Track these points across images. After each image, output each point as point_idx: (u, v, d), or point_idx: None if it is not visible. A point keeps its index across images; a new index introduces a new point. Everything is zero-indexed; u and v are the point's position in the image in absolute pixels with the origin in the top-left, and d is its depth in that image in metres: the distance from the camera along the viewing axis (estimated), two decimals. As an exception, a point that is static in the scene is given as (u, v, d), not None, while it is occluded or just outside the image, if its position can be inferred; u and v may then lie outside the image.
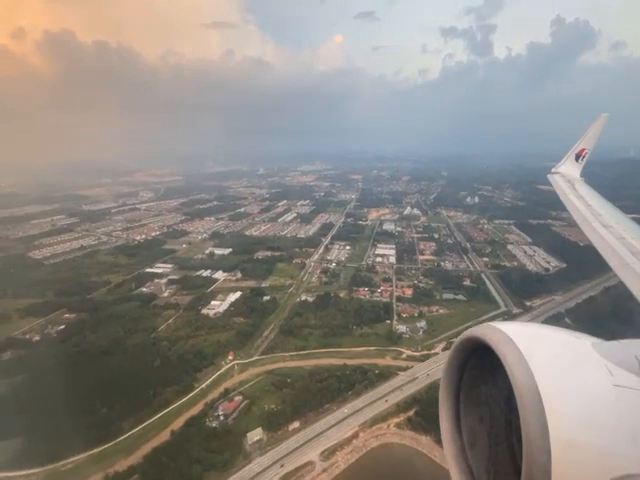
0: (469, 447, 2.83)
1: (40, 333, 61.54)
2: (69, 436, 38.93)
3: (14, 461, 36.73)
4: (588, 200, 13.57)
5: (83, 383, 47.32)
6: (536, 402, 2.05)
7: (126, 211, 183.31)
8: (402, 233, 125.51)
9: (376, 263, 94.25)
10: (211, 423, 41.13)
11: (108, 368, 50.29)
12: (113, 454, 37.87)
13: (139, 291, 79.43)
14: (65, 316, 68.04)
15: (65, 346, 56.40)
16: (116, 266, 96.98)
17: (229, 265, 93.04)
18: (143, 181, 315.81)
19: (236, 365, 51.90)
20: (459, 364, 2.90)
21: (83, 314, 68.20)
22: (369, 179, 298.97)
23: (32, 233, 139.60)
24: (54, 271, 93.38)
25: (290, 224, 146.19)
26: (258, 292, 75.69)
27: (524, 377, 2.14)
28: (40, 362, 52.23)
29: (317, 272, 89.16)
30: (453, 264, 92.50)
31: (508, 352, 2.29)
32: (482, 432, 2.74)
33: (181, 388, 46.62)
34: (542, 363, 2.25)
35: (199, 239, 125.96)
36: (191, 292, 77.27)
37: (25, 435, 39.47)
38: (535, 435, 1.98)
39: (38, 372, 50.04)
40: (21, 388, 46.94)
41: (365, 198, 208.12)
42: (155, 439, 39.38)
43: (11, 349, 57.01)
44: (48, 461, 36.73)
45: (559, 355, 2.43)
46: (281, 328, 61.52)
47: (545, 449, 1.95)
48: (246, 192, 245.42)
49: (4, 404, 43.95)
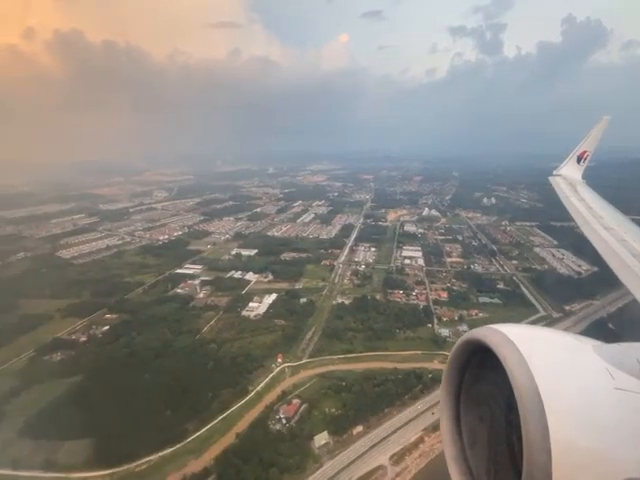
0: (469, 448, 2.85)
1: (86, 334, 62.33)
2: (137, 437, 39.57)
3: (89, 462, 37.40)
4: (589, 202, 13.71)
5: (140, 385, 48.00)
6: (536, 404, 2.07)
7: (144, 211, 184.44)
8: (425, 235, 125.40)
9: (405, 265, 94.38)
10: (274, 426, 41.60)
11: (162, 370, 50.92)
12: (183, 455, 38.45)
13: (174, 292, 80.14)
14: (106, 317, 68.83)
15: (114, 347, 57.10)
16: (145, 267, 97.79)
17: (258, 266, 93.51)
18: (154, 180, 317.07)
19: (286, 368, 52.32)
20: (460, 366, 2.92)
21: (124, 315, 68.91)
22: (380, 179, 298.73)
23: (55, 232, 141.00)
24: (85, 271, 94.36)
25: (310, 225, 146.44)
26: (293, 294, 76.15)
27: (524, 379, 2.16)
28: (93, 363, 53.03)
29: (347, 274, 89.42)
30: (483, 267, 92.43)
31: (508, 354, 2.32)
32: (482, 433, 2.74)
33: (237, 390, 47.12)
34: (542, 365, 2.26)
35: (222, 240, 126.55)
36: (226, 294, 77.81)
37: (94, 436, 40.14)
38: (535, 437, 2.00)
39: (93, 373, 50.82)
40: (80, 389, 47.68)
41: (380, 199, 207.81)
42: (221, 441, 39.91)
43: (60, 350, 57.80)
44: (122, 462, 37.36)
45: (560, 357, 2.45)
46: (324, 331, 61.88)
47: (546, 451, 1.97)
48: (259, 192, 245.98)
49: (67, 405, 44.72)
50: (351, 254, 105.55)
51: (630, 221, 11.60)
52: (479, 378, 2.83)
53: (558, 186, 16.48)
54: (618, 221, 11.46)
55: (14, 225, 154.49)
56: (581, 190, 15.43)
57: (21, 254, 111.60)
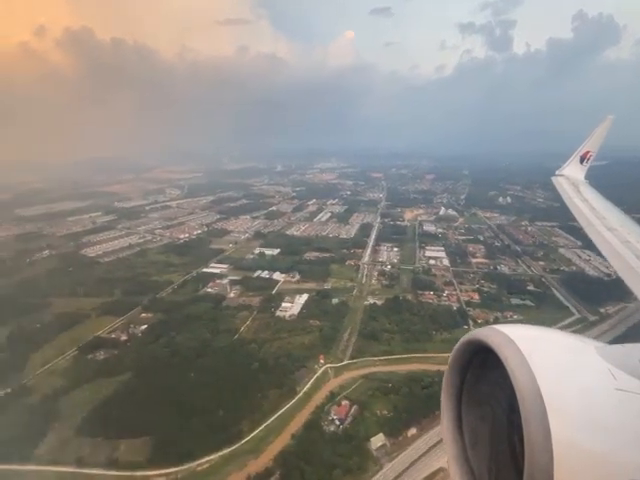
0: (470, 448, 2.85)
1: (125, 333, 63.04)
2: (194, 436, 40.12)
3: (150, 460, 38.00)
4: (592, 203, 13.55)
5: (188, 384, 48.58)
6: (538, 405, 2.06)
7: (159, 209, 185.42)
8: (445, 234, 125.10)
9: (430, 265, 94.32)
10: (328, 427, 41.97)
11: (206, 370, 51.46)
12: (242, 455, 38.94)
13: (204, 292, 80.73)
14: (142, 316, 69.54)
15: (156, 347, 57.72)
16: (171, 265, 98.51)
17: (284, 266, 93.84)
18: (164, 178, 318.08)
19: (329, 369, 52.65)
20: (461, 366, 2.91)
21: (159, 314, 69.56)
22: (391, 177, 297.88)
23: (76, 230, 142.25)
24: (112, 270, 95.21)
25: (328, 224, 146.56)
26: (324, 294, 76.44)
27: (526, 379, 2.16)
28: (138, 363, 53.66)
29: (374, 274, 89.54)
30: (509, 268, 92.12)
31: (510, 354, 2.31)
32: (484, 433, 2.74)
33: (285, 391, 47.56)
34: (544, 366, 2.25)
35: (242, 238, 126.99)
36: (257, 293, 78.26)
37: (150, 434, 40.74)
38: (537, 438, 2.00)
39: (140, 372, 51.46)
40: (129, 388, 48.32)
41: (394, 197, 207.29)
42: (277, 442, 40.37)
43: (103, 349, 58.53)
44: (183, 461, 37.92)
45: (561, 358, 2.44)
46: (360, 332, 62.12)
47: (547, 452, 1.97)
48: (271, 190, 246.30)
49: (119, 403, 45.39)
50: (374, 254, 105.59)
51: (634, 222, 11.39)
52: (480, 378, 2.84)
53: (561, 186, 16.41)
54: (622, 222, 11.35)
55: (33, 223, 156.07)
56: (584, 190, 15.35)
57: (46, 252, 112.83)
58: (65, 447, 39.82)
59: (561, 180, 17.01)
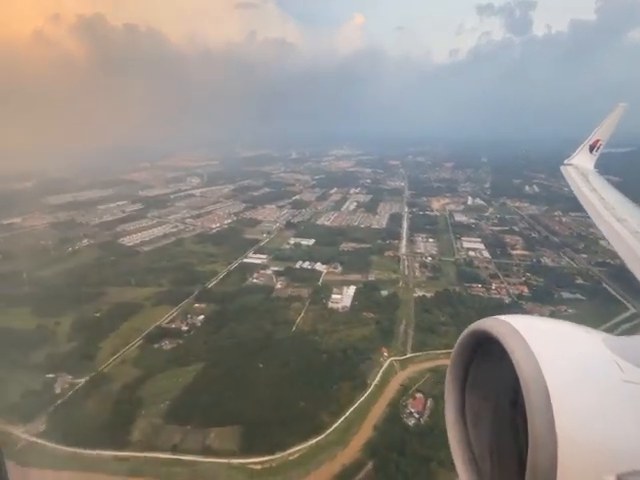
0: (472, 431, 2.85)
1: (184, 323, 64.44)
2: (280, 426, 41.44)
3: (242, 448, 39.46)
4: (601, 193, 13.17)
5: (260, 375, 49.83)
6: (543, 396, 2.04)
7: (184, 197, 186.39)
8: (478, 225, 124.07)
9: (470, 257, 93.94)
10: (408, 420, 42.96)
11: (274, 360, 52.64)
12: (329, 446, 40.19)
13: (251, 282, 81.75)
14: (196, 306, 70.87)
15: (219, 337, 59.06)
16: (210, 255, 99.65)
17: (323, 257, 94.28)
18: (181, 166, 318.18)
19: (394, 362, 53.46)
20: (466, 356, 2.87)
21: (212, 305, 70.80)
22: (409, 165, 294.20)
23: (107, 219, 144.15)
24: (155, 259, 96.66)
25: (356, 213, 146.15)
26: (372, 287, 76.89)
27: (531, 371, 2.13)
28: (206, 353, 55.06)
29: (415, 266, 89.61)
30: (553, 260, 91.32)
31: (515, 345, 2.26)
32: (486, 418, 2.74)
33: (357, 383, 48.56)
34: (549, 356, 2.22)
35: (274, 228, 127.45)
36: (303, 284, 79.02)
37: (237, 423, 42.17)
38: (541, 429, 1.98)
39: (211, 362, 52.88)
40: (204, 378, 49.79)
41: (417, 186, 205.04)
42: (360, 433, 41.52)
43: (167, 338, 60.03)
44: (274, 450, 39.29)
45: (568, 349, 2.40)
46: (417, 325, 62.64)
47: (551, 443, 1.95)
48: (290, 178, 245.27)
49: (199, 393, 46.89)
50: (411, 245, 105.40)
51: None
52: (485, 369, 2.82)
53: (569, 176, 15.99)
54: (631, 212, 11.05)
55: (64, 211, 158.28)
56: (593, 180, 14.93)
57: (85, 241, 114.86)
58: (157, 434, 41.45)
59: (570, 169, 16.63)
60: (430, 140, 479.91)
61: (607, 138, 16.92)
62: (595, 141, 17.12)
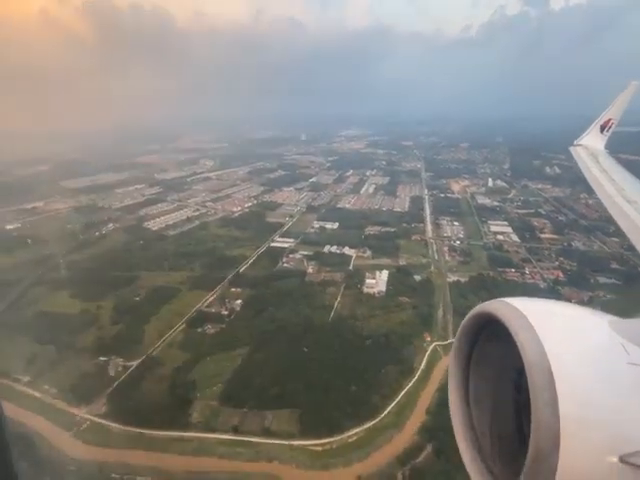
0: (474, 409, 2.87)
1: (223, 307, 65.36)
2: (334, 409, 42.50)
3: (302, 431, 40.69)
4: (611, 174, 12.89)
5: (306, 359, 50.74)
6: (547, 378, 2.02)
7: (200, 180, 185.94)
8: (502, 208, 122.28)
9: (499, 241, 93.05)
10: (459, 404, 43.63)
11: (319, 345, 53.46)
12: (385, 429, 41.23)
13: (282, 267, 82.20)
14: (232, 290, 71.71)
15: (261, 322, 59.92)
16: (237, 239, 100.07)
17: (350, 241, 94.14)
18: (191, 148, 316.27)
19: (437, 347, 53.97)
20: (470, 338, 2.87)
21: (247, 289, 71.56)
22: (422, 146, 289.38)
23: (128, 203, 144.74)
24: (183, 243, 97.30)
25: (375, 196, 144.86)
26: (404, 271, 76.87)
27: (536, 353, 2.10)
28: (250, 337, 56.04)
29: (444, 250, 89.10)
30: (584, 244, 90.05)
31: (520, 328, 2.24)
32: (490, 401, 2.78)
33: (404, 368, 49.29)
34: (555, 339, 2.19)
35: (296, 211, 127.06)
36: (335, 269, 79.26)
37: (291, 407, 43.33)
38: (544, 410, 1.97)
39: (256, 346, 53.90)
40: (253, 361, 50.90)
41: (433, 168, 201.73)
42: (413, 417, 42.47)
43: (209, 323, 61.10)
44: (333, 432, 40.45)
45: (573, 331, 2.37)
46: (455, 310, 62.80)
47: (554, 424, 1.94)
48: (304, 160, 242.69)
49: (249, 376, 48.03)
50: (437, 229, 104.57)
51: None
52: (489, 350, 2.83)
53: (579, 157, 15.65)
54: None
55: (84, 195, 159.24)
56: (603, 161, 14.57)
57: (110, 225, 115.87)
58: (216, 416, 42.81)
59: (579, 150, 16.35)
60: (440, 119, 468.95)
61: (619, 117, 16.47)
62: (606, 121, 16.71)
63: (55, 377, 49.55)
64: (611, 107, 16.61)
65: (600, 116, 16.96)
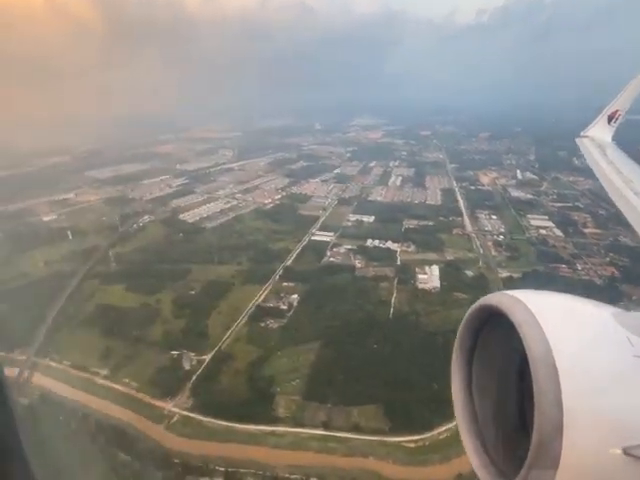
0: (479, 406, 2.87)
1: (281, 302, 65.91)
2: (419, 406, 43.06)
3: (392, 427, 41.36)
4: (619, 166, 12.55)
5: (379, 354, 51.24)
6: (551, 371, 2.02)
7: (223, 172, 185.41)
8: (538, 201, 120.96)
9: (542, 236, 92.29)
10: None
11: (388, 341, 53.90)
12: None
13: (328, 261, 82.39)
14: (284, 285, 72.17)
15: (322, 317, 60.35)
16: (276, 232, 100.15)
17: (390, 235, 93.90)
18: (206, 137, 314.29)
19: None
20: (473, 331, 2.87)
21: (299, 284, 71.92)
22: (440, 136, 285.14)
23: (158, 195, 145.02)
24: (223, 236, 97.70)
25: (404, 188, 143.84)
26: (454, 266, 76.73)
27: (539, 346, 2.10)
28: (316, 332, 56.58)
29: (488, 245, 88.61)
30: (632, 239, 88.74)
31: (524, 320, 2.23)
32: (493, 392, 2.79)
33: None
34: (558, 332, 2.18)
35: (327, 204, 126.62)
36: (382, 263, 79.31)
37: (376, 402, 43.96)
38: (548, 402, 1.97)
39: (326, 342, 54.47)
40: (325, 357, 51.54)
41: (457, 159, 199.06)
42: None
43: (270, 317, 61.73)
44: (421, 429, 41.10)
45: (577, 324, 2.36)
46: (514, 306, 62.62)
47: (557, 417, 1.94)
48: (323, 150, 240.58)
49: (327, 371, 48.69)
50: (475, 222, 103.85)
51: None
52: (493, 342, 2.82)
53: (585, 149, 15.37)
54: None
55: (111, 186, 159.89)
56: (610, 153, 14.23)
57: (146, 217, 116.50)
58: (301, 411, 43.61)
59: (586, 141, 16.04)
60: (453, 108, 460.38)
61: (627, 108, 16.07)
62: (614, 111, 16.28)
63: (133, 371, 50.66)
64: (619, 97, 16.21)
65: (607, 106, 16.60)
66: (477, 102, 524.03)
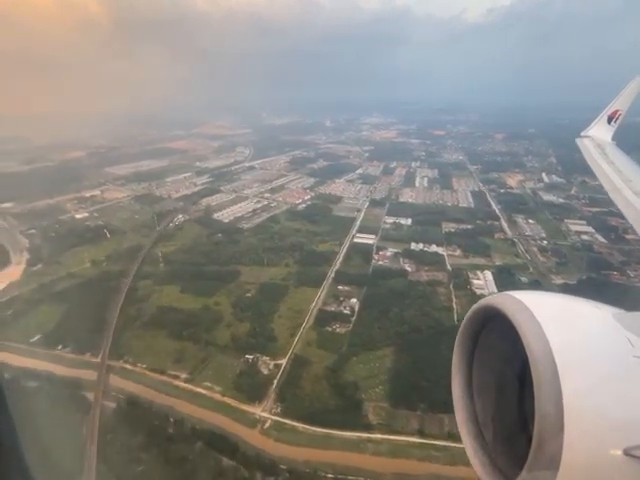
0: (479, 405, 2.88)
1: (342, 306, 66.00)
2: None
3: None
4: (619, 165, 12.67)
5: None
6: (551, 372, 2.02)
7: (245, 170, 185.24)
8: (571, 205, 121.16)
9: (586, 242, 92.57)
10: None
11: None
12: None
13: (377, 264, 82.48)
14: (339, 288, 72.22)
15: (389, 323, 60.45)
16: (316, 234, 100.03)
17: (432, 238, 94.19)
18: (218, 134, 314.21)
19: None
20: (474, 331, 2.90)
21: (354, 287, 72.00)
22: (455, 136, 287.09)
23: (185, 193, 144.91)
24: (265, 238, 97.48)
25: (433, 190, 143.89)
26: (506, 272, 76.91)
27: (540, 346, 2.11)
28: (387, 337, 56.75)
29: (533, 250, 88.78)
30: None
31: (524, 321, 2.26)
32: (493, 392, 2.80)
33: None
34: (559, 333, 2.19)
35: (358, 205, 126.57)
36: (432, 268, 79.43)
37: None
38: (548, 403, 1.98)
39: (399, 347, 54.66)
40: (402, 363, 51.73)
41: (477, 160, 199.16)
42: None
43: (335, 322, 61.79)
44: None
45: (577, 325, 2.37)
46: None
47: (558, 417, 1.95)
48: (340, 149, 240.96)
49: (409, 377, 48.91)
50: (513, 227, 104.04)
51: None
52: (493, 342, 2.82)
53: (585, 148, 15.58)
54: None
55: (135, 183, 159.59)
56: (610, 152, 14.43)
57: (180, 216, 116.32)
58: (392, 418, 43.77)
59: (586, 141, 16.32)
60: (460, 107, 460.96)
61: (627, 108, 16.20)
62: (614, 112, 16.49)
63: (212, 374, 50.78)
64: (619, 97, 16.36)
65: (607, 107, 16.71)
66: (485, 101, 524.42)
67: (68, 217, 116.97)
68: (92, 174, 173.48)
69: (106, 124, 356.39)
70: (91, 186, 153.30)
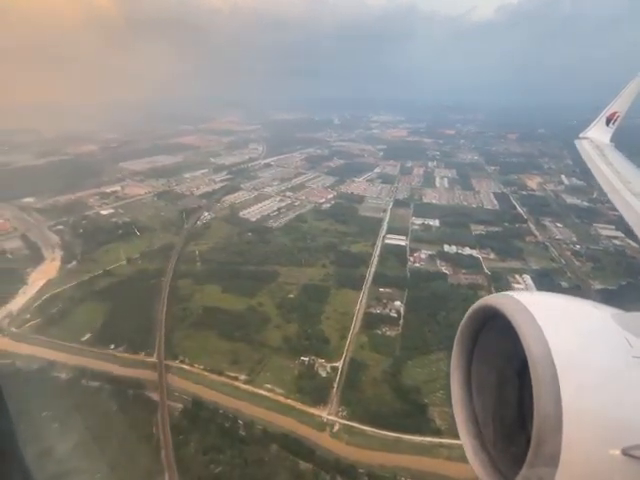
0: (478, 405, 2.87)
1: (387, 309, 66.17)
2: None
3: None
4: (617, 167, 12.75)
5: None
6: (550, 372, 2.03)
7: (262, 167, 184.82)
8: (596, 209, 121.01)
9: (618, 246, 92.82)
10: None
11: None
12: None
13: (413, 266, 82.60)
14: (381, 290, 72.31)
15: (439, 326, 60.56)
16: (346, 234, 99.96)
17: (464, 240, 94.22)
18: (226, 129, 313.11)
19: None
20: (473, 331, 2.91)
21: (395, 289, 72.12)
22: (466, 135, 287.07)
23: (206, 190, 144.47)
24: (297, 237, 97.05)
25: (454, 191, 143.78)
26: (544, 275, 77.19)
27: (539, 347, 2.11)
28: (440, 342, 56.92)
29: (566, 254, 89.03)
30: None
31: (523, 321, 2.26)
32: (492, 392, 2.80)
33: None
34: (558, 333, 2.20)
35: (383, 205, 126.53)
36: (470, 271, 79.55)
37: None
38: (547, 403, 1.98)
39: (452, 352, 54.84)
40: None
41: (493, 161, 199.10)
42: None
43: (383, 325, 61.96)
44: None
45: (576, 325, 2.38)
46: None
47: (557, 417, 1.95)
48: (354, 148, 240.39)
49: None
50: (542, 230, 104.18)
51: None
52: (492, 343, 2.83)
53: (584, 150, 15.45)
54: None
55: (153, 179, 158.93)
56: (609, 154, 14.50)
57: (206, 214, 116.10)
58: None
59: (585, 143, 16.03)
60: (468, 106, 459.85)
61: (625, 110, 16.13)
62: (612, 113, 16.41)
63: (270, 376, 50.88)
64: (617, 99, 16.29)
65: (606, 108, 16.63)
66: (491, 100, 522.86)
67: (93, 213, 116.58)
68: (108, 169, 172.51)
69: (114, 117, 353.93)
70: (110, 182, 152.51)
